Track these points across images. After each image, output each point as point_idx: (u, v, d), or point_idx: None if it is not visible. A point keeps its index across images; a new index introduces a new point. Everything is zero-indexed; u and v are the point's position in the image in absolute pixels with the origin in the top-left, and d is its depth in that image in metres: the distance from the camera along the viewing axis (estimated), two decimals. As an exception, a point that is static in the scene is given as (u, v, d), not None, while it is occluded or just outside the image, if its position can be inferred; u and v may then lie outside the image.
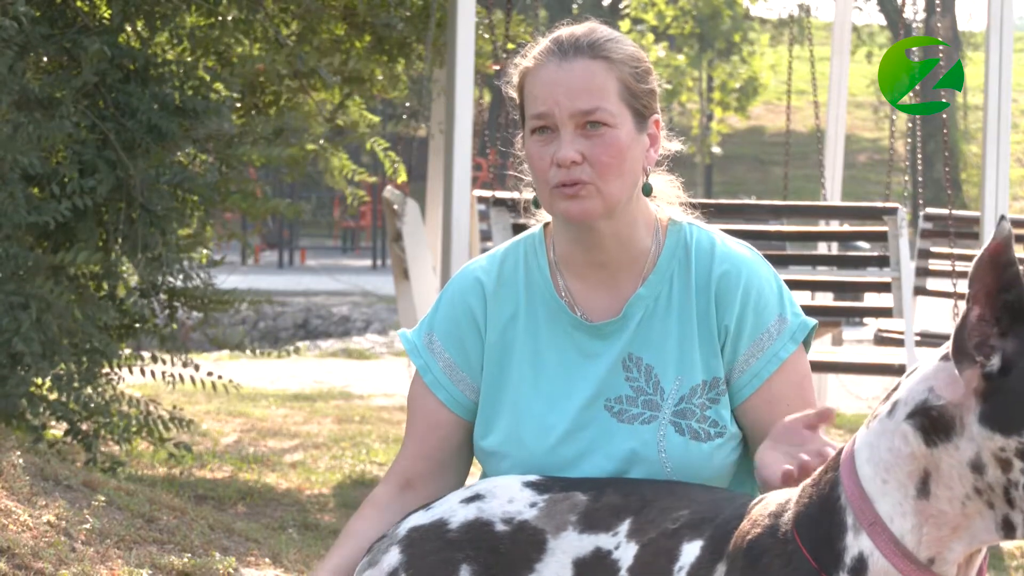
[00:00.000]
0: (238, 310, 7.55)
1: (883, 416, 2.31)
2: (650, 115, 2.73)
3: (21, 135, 6.15)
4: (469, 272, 2.82)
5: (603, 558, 2.48)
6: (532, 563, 2.51)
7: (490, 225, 7.24)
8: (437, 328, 2.80)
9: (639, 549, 2.46)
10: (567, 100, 2.65)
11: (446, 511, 2.58)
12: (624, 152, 2.67)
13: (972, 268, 2.25)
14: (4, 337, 6.06)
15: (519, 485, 2.60)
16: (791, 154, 11.78)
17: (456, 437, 2.79)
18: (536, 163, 2.70)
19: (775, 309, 2.72)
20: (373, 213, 28.19)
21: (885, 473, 2.28)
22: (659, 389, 2.69)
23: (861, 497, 2.29)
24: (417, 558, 2.55)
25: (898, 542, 2.27)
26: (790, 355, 2.71)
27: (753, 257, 2.75)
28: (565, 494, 2.56)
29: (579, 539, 2.50)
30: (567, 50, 2.68)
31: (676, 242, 2.75)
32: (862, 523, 2.28)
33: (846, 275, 8.41)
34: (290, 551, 5.39)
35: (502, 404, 2.74)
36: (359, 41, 7.92)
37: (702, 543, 2.41)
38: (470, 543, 2.54)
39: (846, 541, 2.29)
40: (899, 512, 2.27)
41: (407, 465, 2.78)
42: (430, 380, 2.78)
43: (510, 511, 2.56)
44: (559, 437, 2.69)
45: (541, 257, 2.78)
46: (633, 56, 2.72)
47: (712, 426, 2.69)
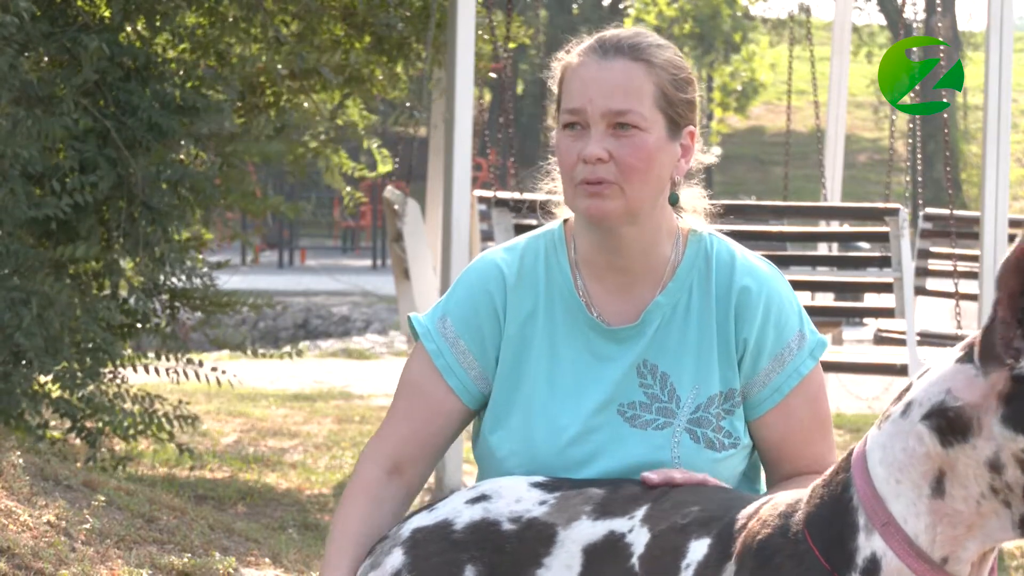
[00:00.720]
0: (238, 311, 7.54)
1: (896, 417, 2.31)
2: (685, 125, 2.71)
3: (21, 130, 6.15)
4: (490, 260, 2.78)
5: (616, 541, 2.47)
6: (540, 558, 2.50)
7: (491, 225, 7.24)
8: (452, 313, 2.76)
9: (651, 538, 2.45)
10: (600, 98, 2.64)
11: (451, 512, 2.57)
12: (652, 157, 2.65)
13: (999, 271, 2.27)
14: (6, 333, 6.07)
15: (526, 485, 2.59)
16: (791, 154, 11.78)
17: (455, 425, 2.76)
18: (564, 157, 2.68)
19: (795, 325, 2.72)
20: (373, 213, 28.19)
21: (899, 473, 2.29)
22: (675, 397, 2.69)
23: (874, 497, 2.30)
24: (421, 559, 2.53)
25: (912, 542, 2.27)
26: (809, 371, 2.72)
27: (773, 273, 2.75)
28: (578, 490, 2.55)
29: (592, 526, 2.49)
30: (608, 49, 2.67)
31: (696, 252, 2.74)
32: (875, 524, 2.29)
33: (847, 275, 8.41)
34: (290, 551, 5.39)
35: (515, 400, 2.72)
36: (359, 41, 7.93)
37: (710, 541, 2.42)
38: (475, 543, 2.52)
39: (858, 542, 2.30)
40: (913, 512, 2.28)
41: (398, 448, 2.72)
42: (441, 364, 2.73)
43: (517, 510, 2.55)
44: (570, 439, 2.68)
45: (561, 254, 2.77)
46: (675, 64, 2.70)
47: (726, 436, 2.69)
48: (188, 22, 7.22)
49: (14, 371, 6.17)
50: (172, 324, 7.16)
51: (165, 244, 6.67)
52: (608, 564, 2.47)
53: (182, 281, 6.97)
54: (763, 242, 9.23)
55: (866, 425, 10.49)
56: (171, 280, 6.98)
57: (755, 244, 8.88)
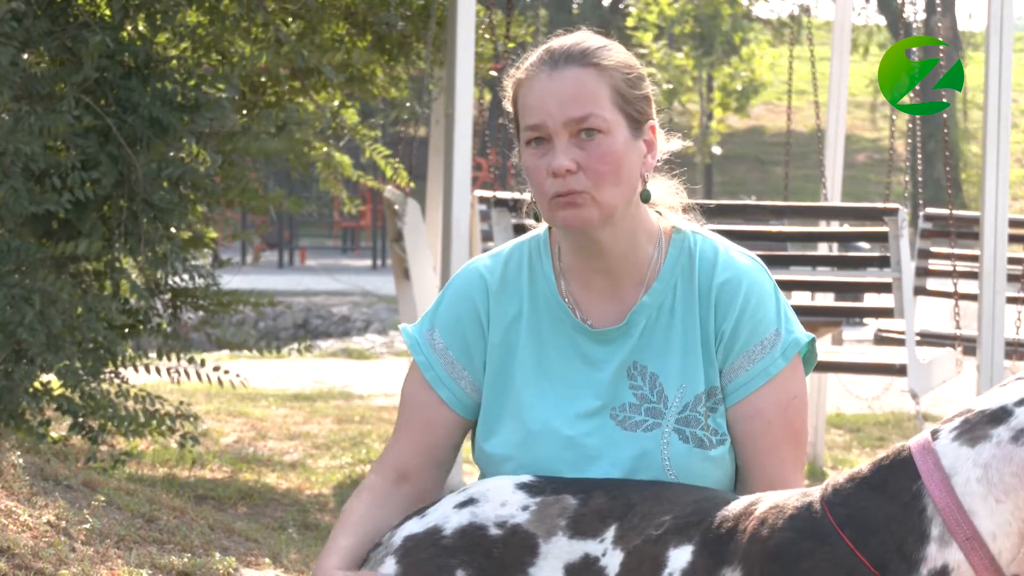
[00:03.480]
0: (239, 311, 7.55)
1: (1006, 441, 2.30)
2: (645, 121, 2.71)
3: (23, 127, 6.16)
4: (473, 269, 2.81)
5: (591, 564, 2.48)
6: (525, 567, 2.51)
7: (491, 225, 7.24)
8: (439, 323, 2.78)
9: (625, 556, 2.45)
10: (558, 109, 2.63)
11: (440, 517, 2.59)
12: (620, 159, 2.65)
13: None
14: (8, 330, 6.07)
15: (512, 487, 2.60)
16: (791, 154, 11.78)
17: (455, 434, 2.78)
18: (533, 175, 2.68)
19: (772, 322, 2.69)
20: (373, 213, 28.20)
21: (1003, 495, 2.29)
22: (663, 397, 2.69)
23: (959, 511, 2.29)
24: (413, 567, 2.56)
25: (994, 559, 2.27)
26: (779, 371, 2.68)
27: (756, 267, 2.73)
28: (555, 497, 2.56)
29: (569, 544, 2.51)
30: (557, 59, 2.66)
31: (680, 250, 2.74)
32: (956, 537, 2.28)
33: (847, 275, 8.41)
34: (290, 551, 5.39)
35: (505, 407, 2.73)
36: (360, 41, 7.93)
37: (692, 548, 2.40)
38: (464, 549, 2.55)
39: (927, 551, 2.29)
40: (1005, 532, 2.28)
41: (401, 459, 2.76)
42: (431, 377, 2.76)
43: (503, 515, 2.56)
44: (564, 442, 2.69)
45: (546, 260, 2.77)
46: (624, 62, 2.70)
47: (714, 434, 2.68)
48: (189, 21, 7.23)
49: (16, 368, 6.17)
50: (174, 324, 7.16)
51: (167, 242, 6.67)
52: None
53: (184, 280, 6.98)
54: (763, 242, 9.22)
55: (866, 425, 10.49)
56: (173, 280, 6.99)
57: (755, 244, 8.89)
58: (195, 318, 7.43)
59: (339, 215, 28.78)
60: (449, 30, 7.17)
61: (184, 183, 6.71)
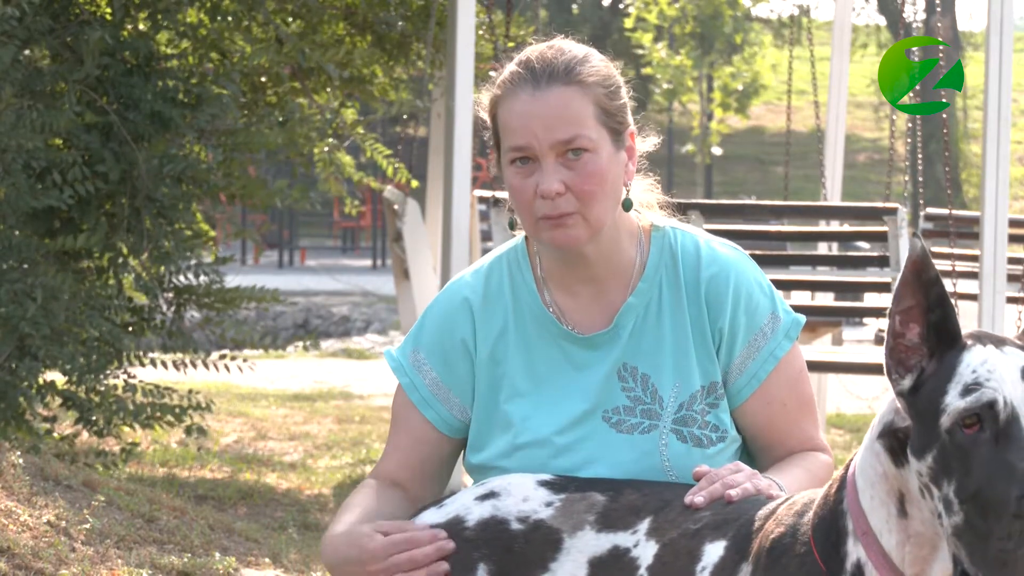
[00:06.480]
0: (242, 309, 7.53)
1: (869, 432, 2.31)
2: (625, 129, 2.70)
3: (24, 123, 6.16)
4: (455, 291, 2.79)
5: (621, 556, 2.47)
6: (547, 562, 2.51)
7: (491, 225, 7.24)
8: (423, 345, 2.77)
9: (659, 548, 2.45)
10: (544, 132, 2.62)
11: (460, 508, 2.59)
12: (605, 176, 2.65)
13: (895, 287, 2.25)
14: (11, 324, 6.07)
15: (533, 484, 2.60)
16: (791, 154, 11.77)
17: (441, 453, 2.79)
18: (519, 194, 2.66)
19: (767, 308, 2.71)
20: (373, 213, 28.18)
21: (871, 489, 2.29)
22: (657, 398, 2.68)
23: (858, 506, 2.29)
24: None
25: (887, 555, 2.26)
26: (785, 353, 2.70)
27: (739, 257, 2.74)
28: (582, 494, 2.56)
29: (596, 538, 2.50)
30: (539, 77, 2.64)
31: (661, 248, 2.74)
32: (857, 531, 2.29)
33: (846, 275, 8.41)
34: (290, 551, 5.39)
35: (495, 420, 2.73)
36: (360, 41, 7.93)
37: (726, 543, 2.41)
38: (485, 542, 2.54)
39: (847, 547, 2.30)
40: (886, 528, 2.27)
41: (393, 472, 2.78)
42: (417, 399, 2.76)
43: (525, 510, 2.55)
44: (557, 449, 2.68)
45: (526, 271, 2.76)
46: (605, 76, 2.68)
47: (713, 431, 2.68)
48: (190, 19, 7.23)
49: (19, 364, 6.17)
50: (177, 321, 7.15)
51: (171, 238, 6.67)
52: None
53: (187, 278, 6.98)
54: (763, 242, 9.22)
55: (865, 425, 10.49)
56: (177, 278, 6.99)
57: (755, 244, 8.89)
58: (198, 316, 7.42)
59: (339, 215, 28.74)
60: (449, 30, 7.17)
61: (186, 179, 6.72)
